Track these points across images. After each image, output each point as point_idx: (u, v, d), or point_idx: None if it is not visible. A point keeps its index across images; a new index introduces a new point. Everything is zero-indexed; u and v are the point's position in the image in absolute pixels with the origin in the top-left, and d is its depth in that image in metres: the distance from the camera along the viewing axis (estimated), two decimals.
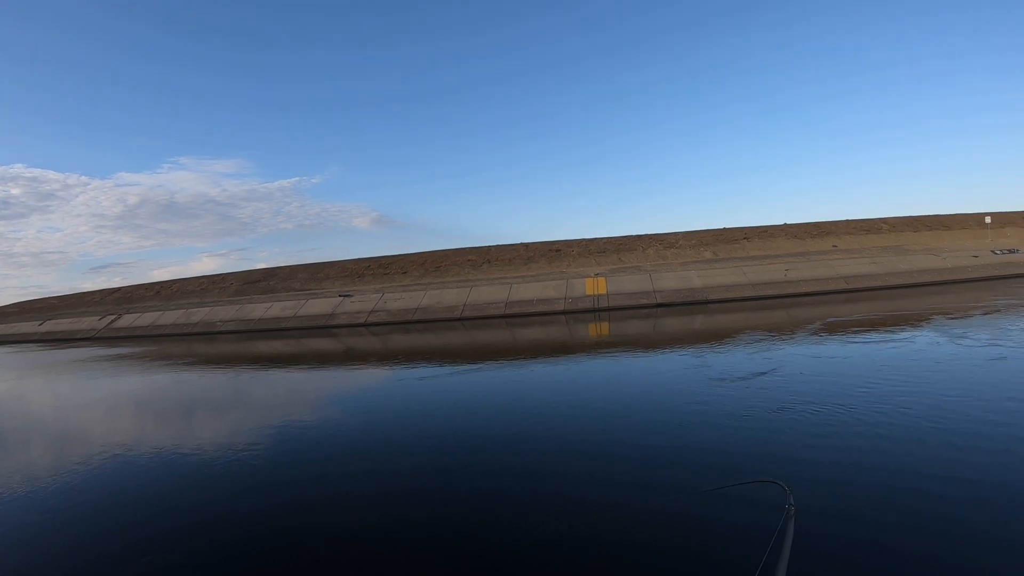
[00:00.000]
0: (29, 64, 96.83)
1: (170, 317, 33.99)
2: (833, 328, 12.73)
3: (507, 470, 5.56)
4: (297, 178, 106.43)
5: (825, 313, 15.90)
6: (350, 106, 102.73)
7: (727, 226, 32.72)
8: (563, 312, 22.61)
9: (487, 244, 37.06)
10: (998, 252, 23.40)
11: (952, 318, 12.70)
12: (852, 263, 22.93)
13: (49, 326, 40.42)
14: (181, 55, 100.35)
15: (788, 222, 32.04)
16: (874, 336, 11.26)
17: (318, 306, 29.30)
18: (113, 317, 37.50)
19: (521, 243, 35.58)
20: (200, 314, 32.95)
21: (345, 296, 29.67)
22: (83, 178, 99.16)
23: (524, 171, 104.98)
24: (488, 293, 25.75)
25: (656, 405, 7.47)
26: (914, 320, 12.96)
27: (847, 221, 30.96)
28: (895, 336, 11.06)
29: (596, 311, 22.21)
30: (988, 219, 27.87)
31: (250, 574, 4.00)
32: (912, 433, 5.42)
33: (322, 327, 26.54)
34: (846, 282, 21.18)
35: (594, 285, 24.08)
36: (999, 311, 13.51)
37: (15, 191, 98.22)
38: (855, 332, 11.90)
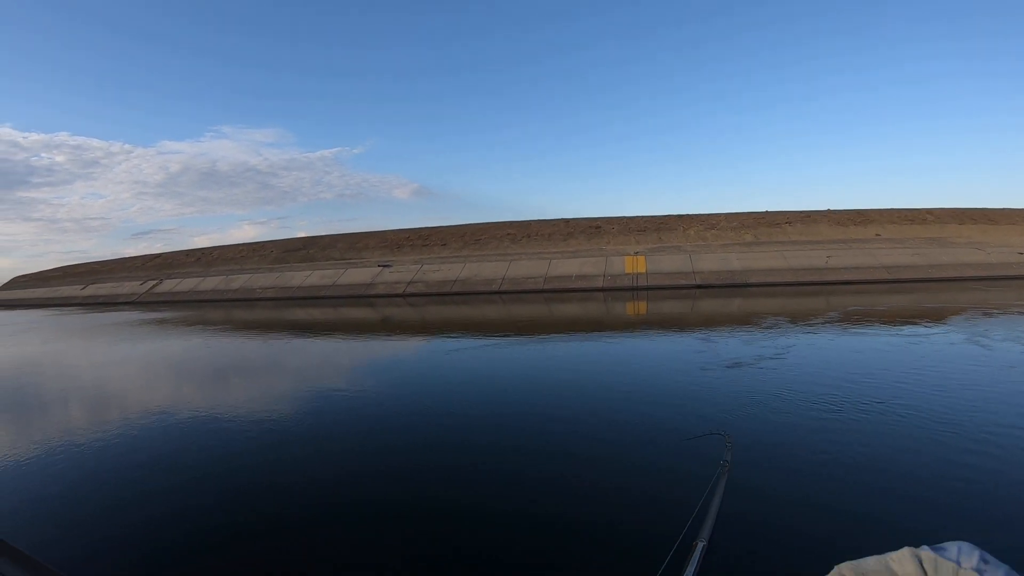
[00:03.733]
0: (77, 30, 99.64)
1: (210, 283, 35.44)
2: (857, 318, 12.80)
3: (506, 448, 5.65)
4: (338, 148, 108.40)
5: (861, 302, 16.03)
6: (392, 76, 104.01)
7: (769, 209, 32.85)
8: (601, 289, 23.24)
9: (527, 219, 37.63)
10: None
11: (988, 316, 12.52)
12: (894, 253, 23.11)
13: (91, 290, 42.00)
14: (224, 24, 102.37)
15: (831, 208, 32.00)
16: (899, 330, 11.16)
17: (357, 275, 30.36)
18: (154, 282, 39.04)
19: (561, 219, 36.11)
20: (240, 281, 34.29)
21: (384, 266, 30.70)
22: (126, 146, 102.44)
23: (565, 146, 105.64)
24: (527, 267, 26.56)
25: (632, 390, 7.51)
26: (947, 315, 12.90)
27: (891, 210, 30.89)
28: (918, 331, 10.81)
29: (635, 290, 22.81)
30: None
31: (284, 545, 3.97)
32: (881, 438, 5.20)
33: (360, 296, 27.54)
34: (887, 272, 21.36)
35: (633, 263, 24.79)
36: None
37: (59, 158, 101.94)
38: (878, 324, 11.95)
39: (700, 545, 2.01)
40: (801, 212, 31.60)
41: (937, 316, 12.76)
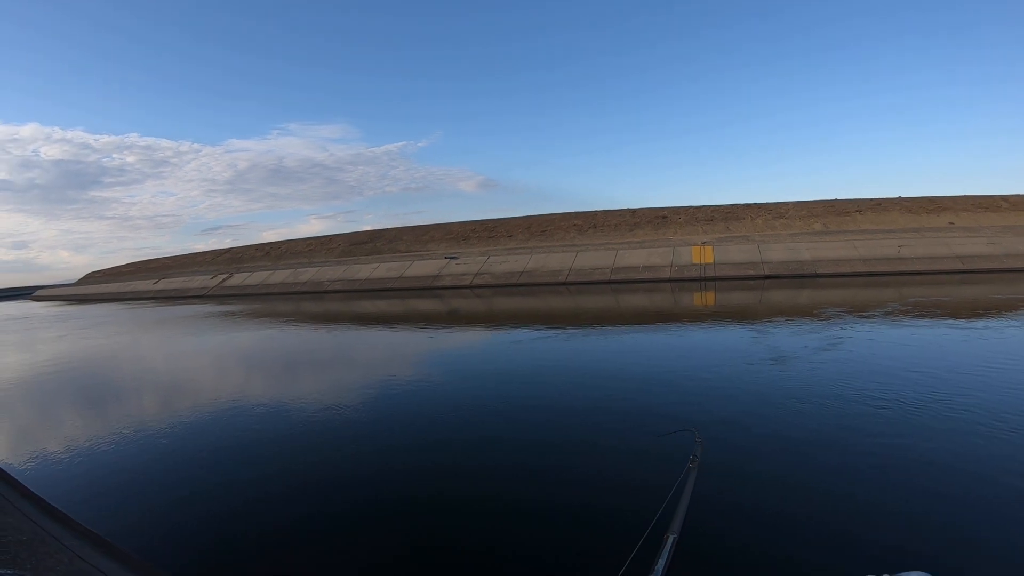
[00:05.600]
0: (144, 32, 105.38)
1: (279, 276, 37.92)
2: (921, 311, 12.73)
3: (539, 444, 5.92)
4: (403, 142, 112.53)
5: (932, 293, 16.14)
6: (456, 70, 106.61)
7: (839, 197, 33.02)
8: (669, 280, 24.23)
9: (593, 209, 39.00)
10: None
11: None
12: (968, 242, 23.04)
13: (163, 284, 45.27)
14: (290, 23, 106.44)
15: (902, 195, 32.04)
16: (966, 323, 11.05)
17: (423, 267, 32.06)
18: (224, 276, 41.90)
19: (627, 209, 37.30)
20: (308, 274, 36.56)
21: (450, 258, 32.43)
22: (195, 145, 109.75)
23: (631, 137, 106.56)
24: (593, 258, 27.83)
25: (673, 385, 7.78)
26: (1019, 307, 12.82)
27: (964, 197, 30.71)
28: (987, 325, 10.77)
29: (702, 280, 23.69)
30: None
31: (362, 539, 4.11)
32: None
33: (427, 288, 29.14)
34: (961, 262, 21.36)
35: (701, 254, 25.73)
36: None
37: (130, 159, 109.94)
38: (945, 316, 11.90)
39: (671, 538, 2.09)
40: (872, 200, 31.76)
41: (1009, 308, 12.81)
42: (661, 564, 1.97)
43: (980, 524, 3.80)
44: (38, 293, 63.35)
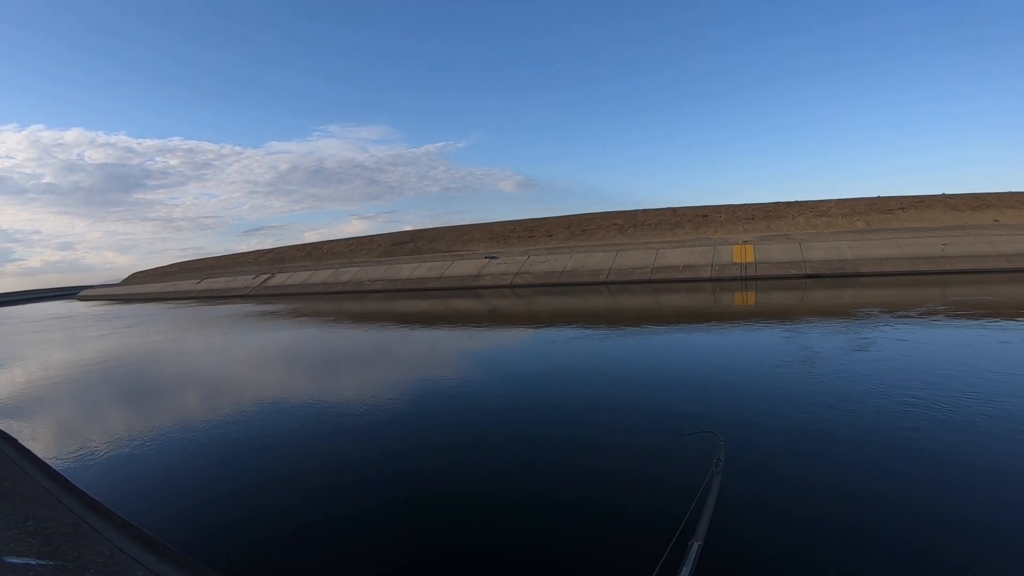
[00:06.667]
0: (184, 40, 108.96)
1: (320, 276, 39.10)
2: (961, 312, 12.66)
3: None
4: (442, 143, 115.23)
5: (976, 293, 16.18)
6: (493, 73, 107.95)
7: (881, 195, 32.82)
8: (709, 280, 24.53)
9: (633, 208, 39.64)
10: None
11: None
12: (1014, 240, 22.73)
13: (206, 284, 46.97)
14: (329, 28, 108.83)
15: (946, 192, 31.74)
16: (1006, 324, 11.05)
17: (464, 267, 32.91)
18: (266, 276, 43.23)
19: (668, 208, 37.66)
20: (349, 274, 37.66)
21: (491, 258, 33.34)
22: (236, 148, 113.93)
23: (671, 134, 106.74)
24: (633, 258, 28.38)
25: (697, 387, 7.95)
26: None
27: (1009, 194, 30.15)
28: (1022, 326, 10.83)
29: (743, 280, 23.93)
30: None
31: (378, 539, 4.23)
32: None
33: (467, 287, 29.83)
34: (1007, 261, 21.09)
35: (742, 253, 26.08)
36: None
37: (173, 162, 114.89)
38: (984, 317, 11.84)
39: (696, 545, 2.08)
40: (914, 197, 31.54)
41: None
42: (686, 572, 2.00)
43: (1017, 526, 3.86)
44: (83, 293, 66.01)
